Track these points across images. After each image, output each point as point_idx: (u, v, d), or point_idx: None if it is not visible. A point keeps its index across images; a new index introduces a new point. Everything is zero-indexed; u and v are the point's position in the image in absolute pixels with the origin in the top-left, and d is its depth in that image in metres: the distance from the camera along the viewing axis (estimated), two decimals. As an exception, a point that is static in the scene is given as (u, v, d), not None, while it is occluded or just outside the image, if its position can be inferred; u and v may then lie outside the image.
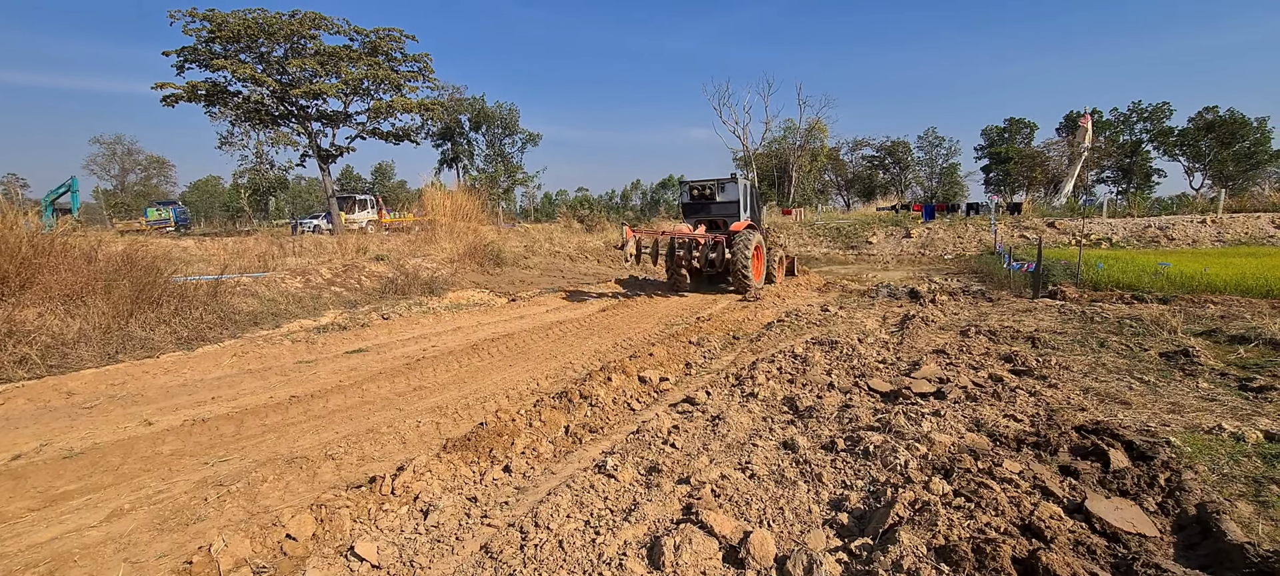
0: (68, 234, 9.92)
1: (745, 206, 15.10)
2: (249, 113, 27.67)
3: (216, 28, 24.24)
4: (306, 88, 25.69)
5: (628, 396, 6.29)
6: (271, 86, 25.93)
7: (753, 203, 15.78)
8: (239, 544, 3.28)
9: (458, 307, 12.53)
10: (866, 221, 30.08)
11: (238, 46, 25.18)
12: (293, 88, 25.93)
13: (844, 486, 3.79)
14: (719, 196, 15.03)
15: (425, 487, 4.09)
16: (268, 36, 25.15)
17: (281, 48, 26.06)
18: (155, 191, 61.30)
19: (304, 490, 4.35)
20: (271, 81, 25.77)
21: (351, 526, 3.63)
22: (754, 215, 15.89)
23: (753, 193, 15.77)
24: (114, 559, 3.42)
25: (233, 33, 24.30)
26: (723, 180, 14.99)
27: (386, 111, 28.18)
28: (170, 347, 8.76)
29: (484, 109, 47.05)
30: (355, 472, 4.65)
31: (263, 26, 24.72)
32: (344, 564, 3.19)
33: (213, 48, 24.94)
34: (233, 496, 4.20)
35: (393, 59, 28.47)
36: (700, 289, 15.47)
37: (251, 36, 24.83)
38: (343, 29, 27.07)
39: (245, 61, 25.36)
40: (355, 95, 28.15)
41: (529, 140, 50.87)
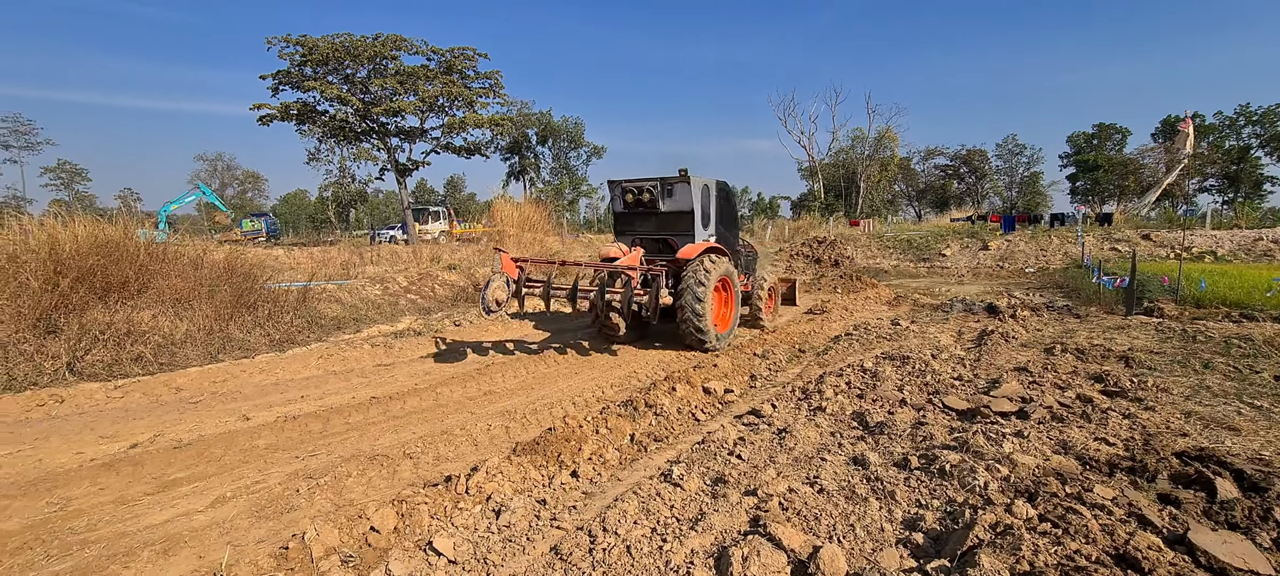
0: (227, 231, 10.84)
1: (706, 217, 9.93)
2: (335, 130, 29.46)
3: (308, 51, 26.00)
4: (387, 105, 27.13)
5: (692, 406, 6.30)
6: (355, 105, 27.54)
7: (721, 211, 10.39)
8: (328, 533, 3.50)
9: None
10: (939, 233, 28.92)
11: (326, 68, 26.91)
12: (374, 106, 27.45)
13: (918, 505, 3.66)
14: (664, 203, 9.75)
15: (497, 488, 4.23)
16: (353, 58, 26.75)
17: (365, 69, 27.66)
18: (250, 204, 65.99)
19: (385, 486, 4.58)
20: (355, 100, 27.38)
21: (429, 522, 3.80)
22: (725, 228, 10.53)
23: (722, 197, 10.45)
24: (219, 542, 3.71)
25: (322, 56, 26.00)
26: (669, 179, 9.60)
27: (459, 127, 29.35)
28: (264, 349, 9.41)
29: (550, 123, 48.25)
30: (431, 471, 4.86)
31: (349, 49, 26.32)
32: (423, 558, 3.34)
33: (304, 70, 26.76)
34: (321, 489, 4.47)
35: (466, 77, 29.68)
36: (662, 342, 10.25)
37: (339, 59, 26.48)
38: (421, 49, 28.46)
39: (332, 82, 27.06)
40: (431, 112, 29.48)
41: (593, 153, 51.80)
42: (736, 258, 10.68)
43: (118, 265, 8.59)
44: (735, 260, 10.49)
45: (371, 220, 60.07)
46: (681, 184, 9.56)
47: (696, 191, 9.60)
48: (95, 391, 6.99)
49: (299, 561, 3.27)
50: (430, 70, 28.39)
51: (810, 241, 24.87)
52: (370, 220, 59.89)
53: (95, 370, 7.73)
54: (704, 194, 9.84)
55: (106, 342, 8.08)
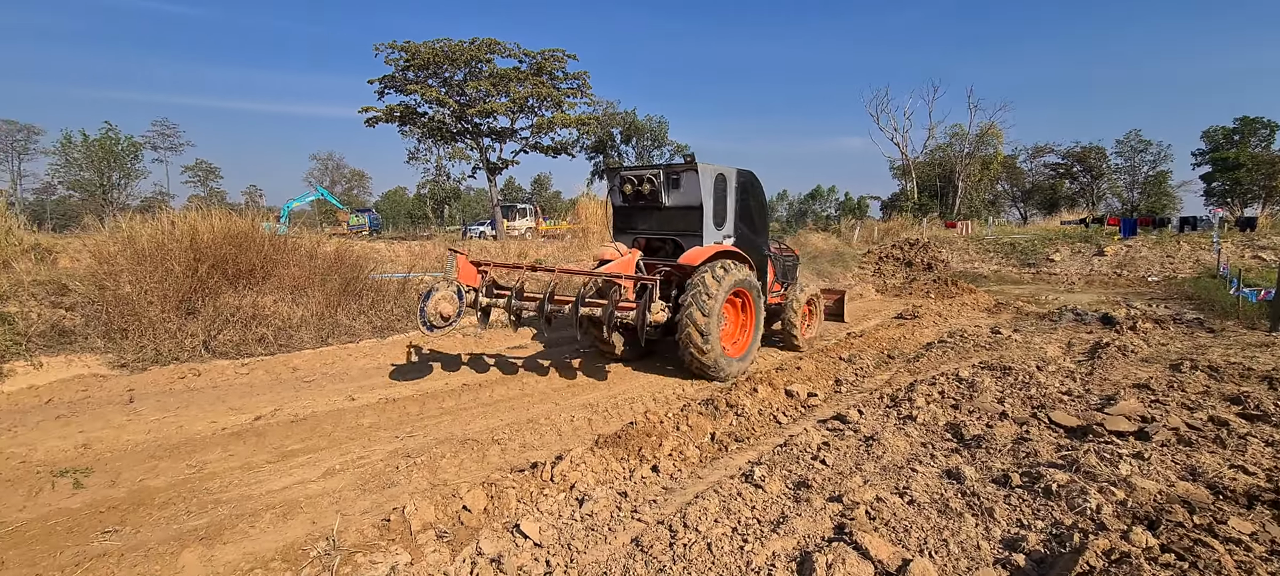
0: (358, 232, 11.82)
1: (720, 214, 8.19)
2: (432, 130, 31.12)
3: (411, 57, 27.61)
4: (480, 107, 28.34)
5: (774, 408, 6.20)
6: (452, 106, 28.97)
7: (743, 207, 8.60)
8: (426, 509, 3.72)
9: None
10: (1047, 236, 26.83)
11: (427, 72, 28.47)
12: (469, 107, 28.75)
13: (1020, 525, 3.44)
14: (668, 196, 8.18)
15: (580, 478, 4.35)
16: (451, 62, 28.14)
17: (461, 72, 29.03)
18: (355, 200, 70.78)
19: (475, 468, 4.82)
20: (452, 102, 28.80)
21: (516, 506, 3.96)
22: (748, 229, 8.76)
23: (744, 190, 8.61)
24: (329, 510, 4.03)
25: (424, 60, 27.53)
26: (674, 167, 8.06)
27: (547, 127, 30.21)
28: (367, 335, 10.10)
29: (634, 122, 48.72)
30: (518, 458, 5.06)
31: (447, 54, 27.71)
32: (510, 539, 3.49)
33: (407, 74, 28.45)
34: (418, 467, 4.76)
35: (555, 77, 30.50)
36: None
37: (438, 63, 27.95)
38: (513, 52, 29.51)
39: (432, 86, 28.60)
40: (521, 112, 30.51)
41: (677, 152, 51.83)
42: (764, 264, 9.00)
43: (246, 254, 9.49)
44: (762, 268, 8.89)
45: (463, 216, 62.98)
46: (689, 173, 7.86)
47: (707, 182, 7.86)
48: (226, 368, 7.76)
49: (399, 533, 3.51)
50: (521, 72, 29.39)
51: (901, 243, 23.75)
52: (462, 216, 62.80)
53: (226, 348, 8.57)
54: (718, 186, 8.09)
55: (235, 324, 8.94)
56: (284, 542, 3.54)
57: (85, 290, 8.48)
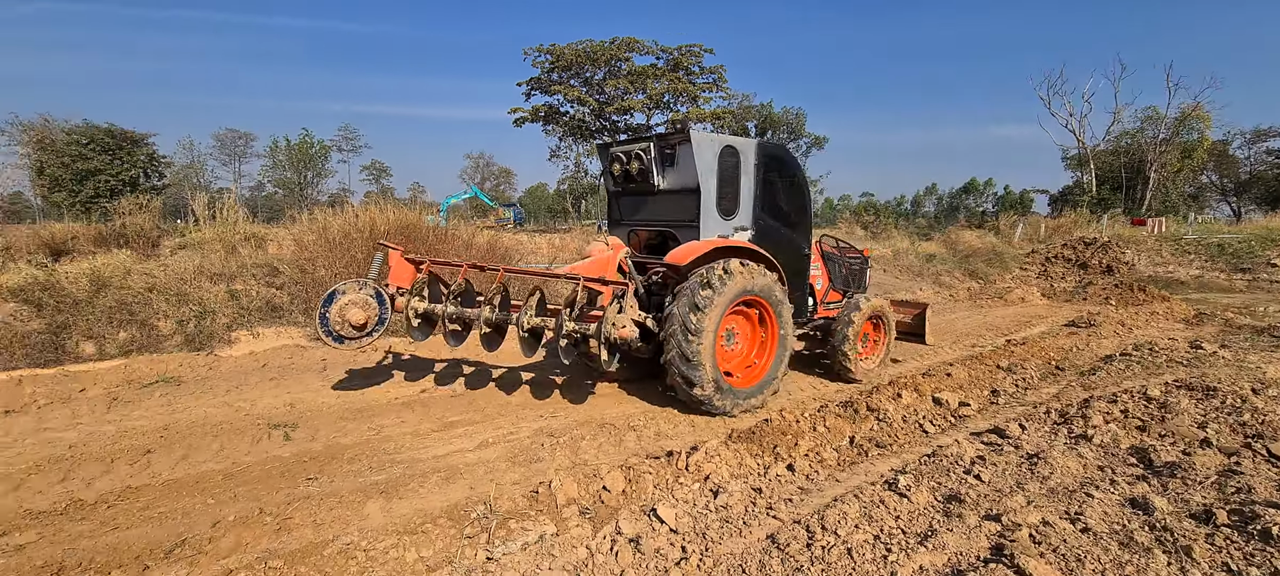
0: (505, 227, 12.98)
1: (728, 199, 6.31)
2: (573, 128, 32.63)
3: (555, 59, 29.16)
4: (618, 104, 29.26)
5: (920, 416, 5.83)
6: (591, 105, 30.20)
7: (765, 192, 6.57)
8: (569, 485, 3.95)
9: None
10: (1269, 236, 22.54)
11: (569, 73, 29.91)
12: (607, 105, 29.79)
13: (1226, 570, 2.97)
14: (662, 176, 6.50)
15: (714, 470, 4.39)
16: (591, 62, 29.32)
17: (601, 71, 30.13)
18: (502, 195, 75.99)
19: (613, 451, 5.03)
20: (591, 101, 30.01)
21: (653, 491, 4.09)
22: (774, 219, 6.73)
23: (766, 168, 6.55)
24: (485, 478, 4.41)
25: (567, 62, 28.96)
26: (667, 138, 6.36)
27: (682, 122, 30.48)
28: (514, 320, 10.85)
29: (770, 115, 47.71)
30: (653, 444, 5.20)
31: (588, 54, 28.90)
32: (648, 522, 3.62)
33: (551, 76, 30.06)
34: (561, 446, 5.07)
35: (691, 72, 30.69)
36: None
37: (579, 64, 29.25)
38: (651, 49, 30.12)
39: (573, 85, 30.00)
40: (656, 108, 31.07)
41: (814, 144, 50.01)
42: (803, 267, 7.04)
43: (413, 243, 10.58)
44: (798, 271, 6.90)
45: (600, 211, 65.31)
46: (684, 145, 6.04)
47: (707, 157, 5.97)
48: (395, 343, 8.72)
49: (546, 505, 3.76)
50: (659, 68, 29.91)
51: (1074, 242, 21.07)
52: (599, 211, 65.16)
53: (396, 326, 9.63)
54: (726, 163, 6.13)
55: (404, 306, 10.02)
56: (448, 503, 3.94)
57: (290, 272, 9.92)
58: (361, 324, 5.04)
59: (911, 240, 28.49)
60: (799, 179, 7.00)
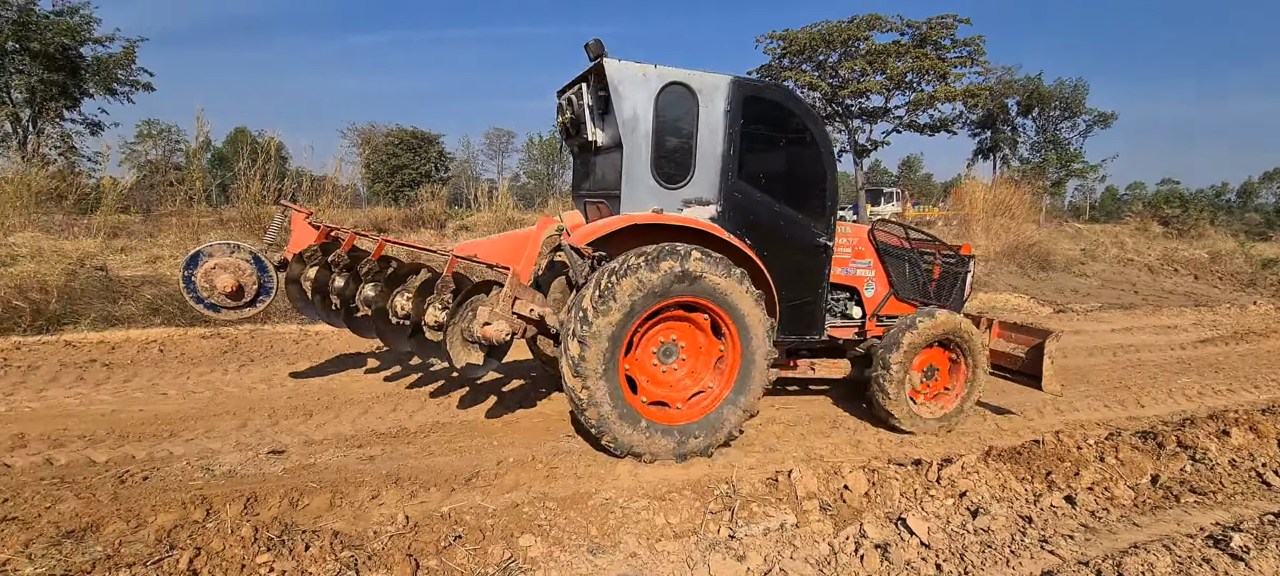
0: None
1: (674, 158, 4.49)
2: (803, 115, 31.76)
3: (788, 44, 28.54)
4: (853, 87, 27.67)
5: (1257, 462, 4.61)
6: (823, 90, 28.99)
7: (742, 149, 4.60)
8: (809, 478, 3.90)
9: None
10: None
11: (802, 57, 29.07)
12: (841, 89, 28.35)
13: None
14: (599, 128, 4.75)
15: (972, 488, 3.98)
16: (826, 45, 28.12)
17: (836, 53, 28.74)
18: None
19: (849, 450, 4.85)
20: (824, 85, 28.82)
21: (899, 499, 3.85)
22: (759, 191, 4.76)
23: (741, 119, 4.53)
24: (720, 458, 4.56)
25: (800, 46, 28.20)
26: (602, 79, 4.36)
27: (927, 103, 27.80)
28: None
29: (1038, 89, 40.95)
30: (895, 450, 4.89)
31: (824, 37, 27.75)
32: (895, 531, 3.42)
33: (783, 62, 29.52)
34: (794, 438, 5.04)
35: (940, 47, 27.75)
36: None
37: (814, 47, 28.26)
38: (895, 25, 27.89)
39: (806, 70, 29.10)
40: (897, 89, 28.73)
41: (1097, 121, 41.79)
42: (820, 262, 5.05)
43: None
44: (806, 271, 4.99)
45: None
46: (608, 90, 4.31)
47: (637, 98, 4.32)
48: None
49: (786, 494, 3.77)
50: (902, 45, 27.59)
51: None
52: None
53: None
54: (665, 108, 4.38)
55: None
56: (690, 477, 4.16)
57: (547, 252, 11.26)
58: (232, 290, 4.32)
59: (1239, 240, 22.47)
60: (810, 136, 4.85)
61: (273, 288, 4.75)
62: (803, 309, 5.02)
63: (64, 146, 22.49)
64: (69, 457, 4.23)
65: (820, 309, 5.13)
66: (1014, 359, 5.66)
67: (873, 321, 5.47)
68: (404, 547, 3.08)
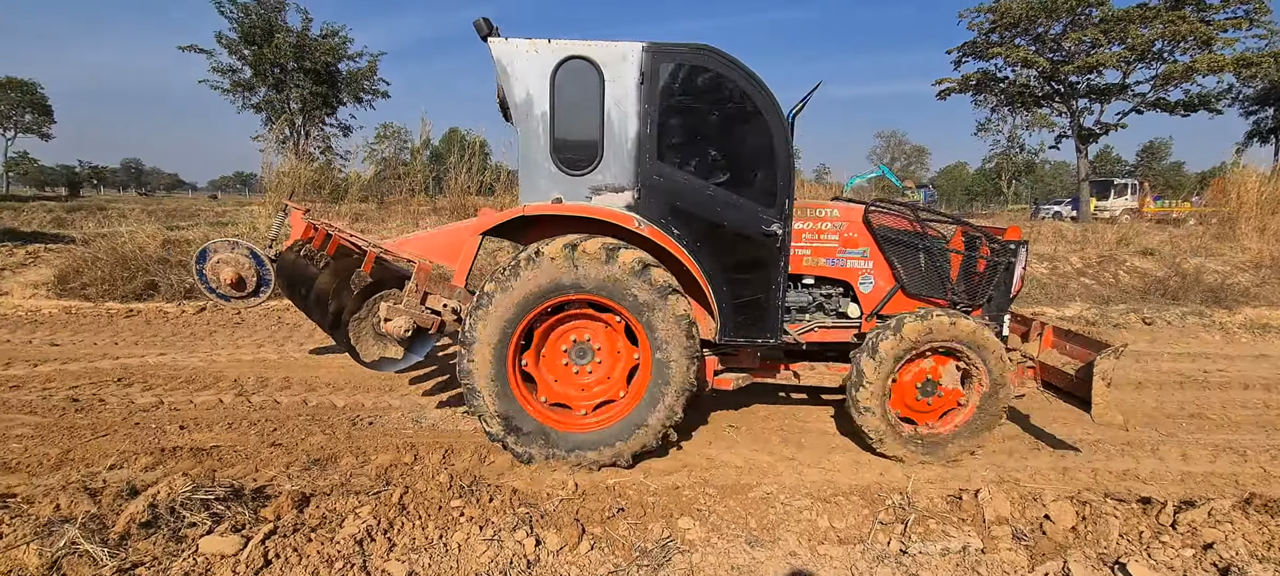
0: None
1: (576, 141, 3.97)
2: (1011, 97, 28.04)
3: (999, 17, 25.32)
4: (1081, 62, 23.82)
5: None
6: (1041, 66, 25.33)
7: (658, 127, 3.89)
8: (1000, 501, 3.47)
9: (1262, 329, 9.29)
10: None
11: (1015, 31, 25.64)
12: (1064, 65, 24.57)
13: None
14: (507, 84, 3.93)
15: (1221, 539, 3.25)
16: (1048, 14, 24.47)
17: (1060, 24, 24.91)
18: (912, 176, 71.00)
19: (1055, 477, 4.23)
20: (1042, 61, 25.15)
21: (1118, 541, 3.27)
22: (691, 172, 4.09)
23: (653, 85, 3.82)
24: (896, 467, 4.23)
25: (1014, 18, 24.86)
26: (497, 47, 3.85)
27: (1182, 75, 23.01)
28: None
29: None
30: (1114, 483, 4.18)
31: (1044, 5, 24.17)
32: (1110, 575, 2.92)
33: (991, 37, 26.29)
34: (985, 454, 4.50)
35: (1205, 8, 22.81)
36: None
37: (1031, 18, 24.74)
38: (1142, -14, 23.49)
39: (1019, 45, 25.63)
40: (1139, 62, 24.20)
41: None
42: (773, 254, 4.15)
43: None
44: (741, 265, 4.18)
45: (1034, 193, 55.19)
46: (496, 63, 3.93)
47: (525, 79, 3.90)
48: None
49: (970, 515, 3.39)
50: (1149, 9, 23.11)
51: None
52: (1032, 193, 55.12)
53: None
54: (565, 85, 3.92)
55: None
56: (859, 482, 3.93)
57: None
58: (234, 281, 4.63)
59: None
60: (751, 105, 4.05)
61: (271, 279, 4.89)
62: (750, 307, 4.24)
63: (324, 146, 27.31)
64: (318, 400, 5.16)
65: (773, 307, 4.23)
66: (1064, 376, 4.43)
67: (875, 321, 4.57)
68: (572, 512, 3.29)
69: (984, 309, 4.56)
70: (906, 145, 77.84)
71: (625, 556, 2.97)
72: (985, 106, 30.88)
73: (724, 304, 4.16)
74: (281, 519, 2.85)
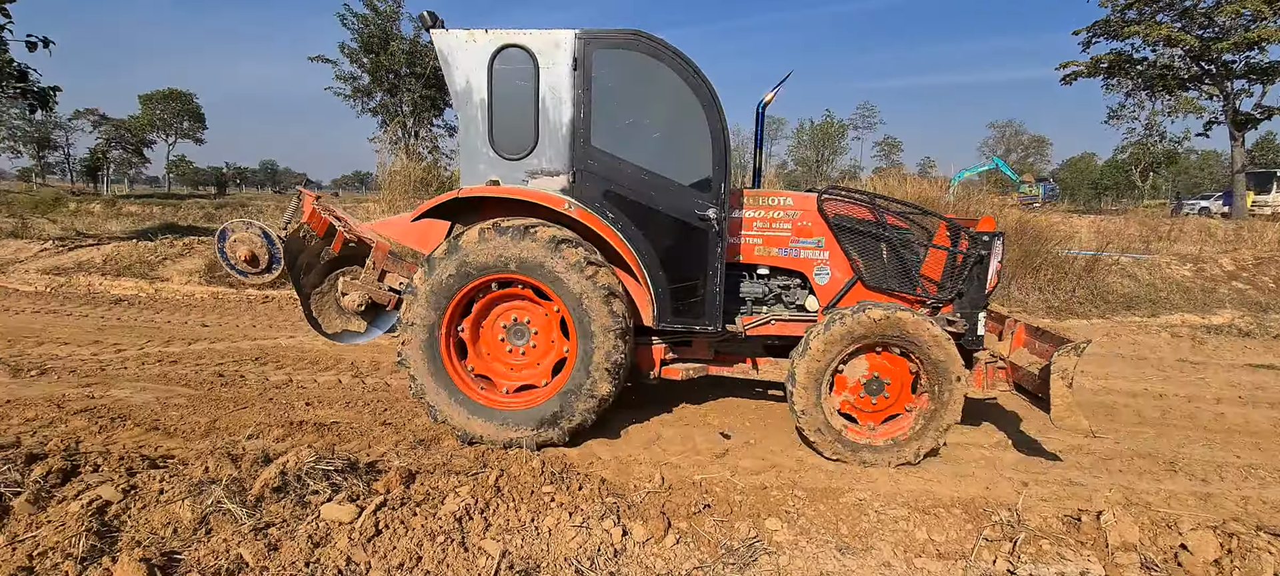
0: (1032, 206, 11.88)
1: (528, 125, 4.02)
2: (1151, 79, 25.21)
3: (1142, -10, 22.83)
4: (1238, 38, 21.03)
5: None
6: (1188, 44, 22.59)
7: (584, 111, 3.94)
8: (1127, 527, 3.15)
9: None
10: None
11: (1156, 7, 23.04)
12: (1217, 42, 21.78)
13: None
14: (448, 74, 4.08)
15: None
16: (1197, -13, 21.80)
17: (1214, -6, 22.11)
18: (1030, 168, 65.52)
19: (1196, 505, 3.78)
20: (1189, 38, 22.43)
21: (1272, 579, 2.89)
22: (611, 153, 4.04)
23: (585, 71, 3.88)
24: (1003, 481, 3.95)
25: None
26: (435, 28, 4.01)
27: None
28: (1041, 312, 9.31)
29: None
30: (1270, 515, 3.68)
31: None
32: (1263, 619, 2.58)
33: (1127, 14, 23.76)
34: (1111, 473, 4.13)
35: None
36: None
37: (1184, -10, 22.12)
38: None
39: (1162, 21, 22.98)
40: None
41: None
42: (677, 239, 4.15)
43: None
44: (675, 253, 4.17)
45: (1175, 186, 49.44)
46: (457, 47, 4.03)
47: (464, 68, 4.02)
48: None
49: (1091, 539, 3.10)
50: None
51: None
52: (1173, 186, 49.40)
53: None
54: (502, 75, 4.01)
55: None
56: (962, 494, 3.69)
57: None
58: (248, 258, 4.84)
59: None
60: (683, 93, 4.01)
61: (280, 258, 5.14)
62: (686, 293, 4.20)
63: (431, 146, 29.00)
64: (424, 384, 5.48)
65: (710, 293, 4.18)
66: (1030, 376, 4.02)
67: (816, 316, 4.43)
68: (659, 505, 3.32)
69: (955, 304, 4.32)
70: (1023, 136, 72.02)
71: (711, 553, 2.97)
72: (1119, 91, 27.96)
73: (660, 288, 4.16)
74: (391, 492, 3.07)
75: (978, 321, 4.24)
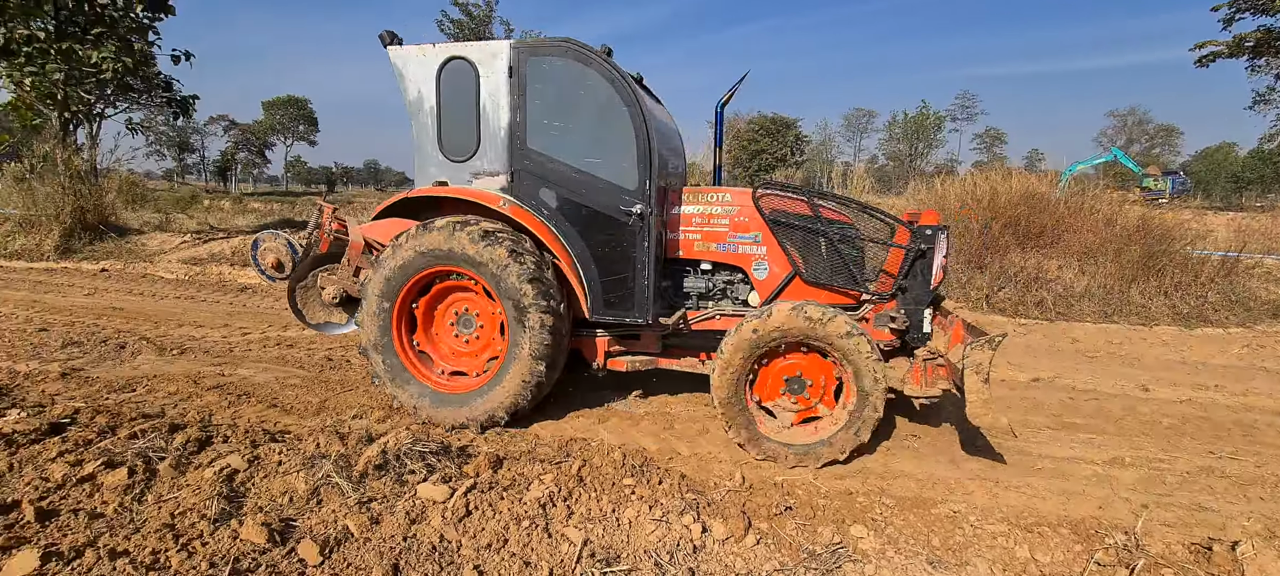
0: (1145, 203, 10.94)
1: (470, 128, 4.36)
2: (1307, 59, 22.29)
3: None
4: None
5: None
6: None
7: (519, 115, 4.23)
8: (1267, 559, 2.82)
9: None
10: None
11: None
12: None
13: None
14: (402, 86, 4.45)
15: None
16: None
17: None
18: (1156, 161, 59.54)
19: (1356, 543, 3.31)
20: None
21: None
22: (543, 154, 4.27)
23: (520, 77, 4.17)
24: (1118, 502, 3.62)
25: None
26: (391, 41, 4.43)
27: None
28: (1166, 320, 8.45)
29: None
30: None
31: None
32: None
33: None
34: (1248, 500, 3.68)
35: None
36: None
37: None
38: None
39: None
40: None
41: None
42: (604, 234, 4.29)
43: (1038, 215, 9.46)
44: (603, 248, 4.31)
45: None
46: None
47: (416, 79, 4.37)
48: (1005, 324, 8.08)
49: (1224, 571, 2.79)
50: None
51: None
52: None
53: (1004, 305, 8.92)
54: (449, 83, 4.32)
55: (1017, 284, 9.15)
56: (1070, 514, 3.42)
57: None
58: (275, 264, 5.15)
59: None
60: (608, 96, 4.16)
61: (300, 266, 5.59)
62: (617, 286, 4.36)
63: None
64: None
65: (640, 287, 4.29)
66: (957, 371, 3.74)
67: (749, 311, 4.36)
68: (739, 504, 3.29)
69: (898, 300, 4.27)
70: (1149, 126, 65.58)
71: (792, 556, 2.91)
72: (1267, 73, 24.84)
73: (592, 282, 4.35)
74: (480, 476, 3.22)
75: (923, 318, 4.19)
